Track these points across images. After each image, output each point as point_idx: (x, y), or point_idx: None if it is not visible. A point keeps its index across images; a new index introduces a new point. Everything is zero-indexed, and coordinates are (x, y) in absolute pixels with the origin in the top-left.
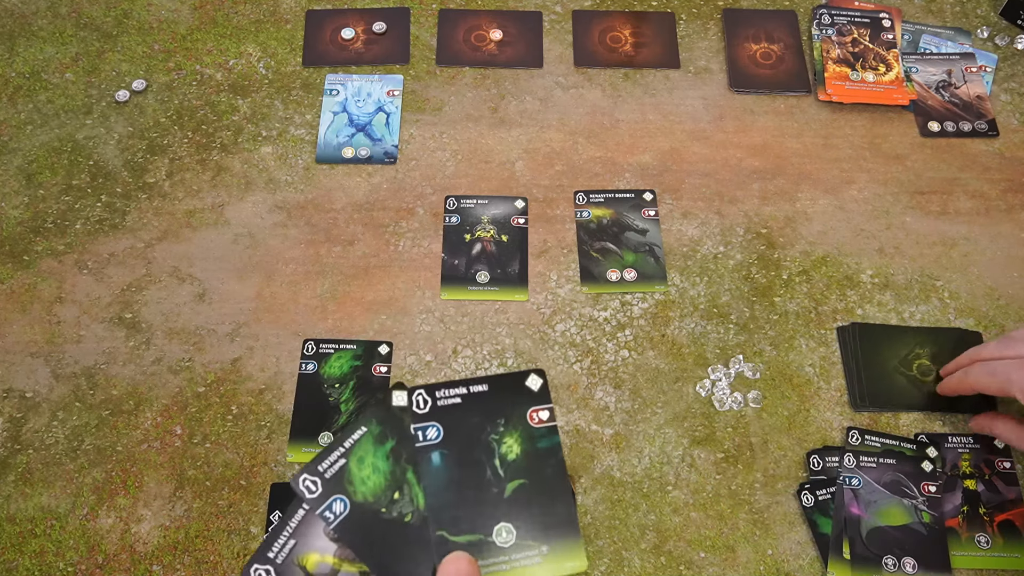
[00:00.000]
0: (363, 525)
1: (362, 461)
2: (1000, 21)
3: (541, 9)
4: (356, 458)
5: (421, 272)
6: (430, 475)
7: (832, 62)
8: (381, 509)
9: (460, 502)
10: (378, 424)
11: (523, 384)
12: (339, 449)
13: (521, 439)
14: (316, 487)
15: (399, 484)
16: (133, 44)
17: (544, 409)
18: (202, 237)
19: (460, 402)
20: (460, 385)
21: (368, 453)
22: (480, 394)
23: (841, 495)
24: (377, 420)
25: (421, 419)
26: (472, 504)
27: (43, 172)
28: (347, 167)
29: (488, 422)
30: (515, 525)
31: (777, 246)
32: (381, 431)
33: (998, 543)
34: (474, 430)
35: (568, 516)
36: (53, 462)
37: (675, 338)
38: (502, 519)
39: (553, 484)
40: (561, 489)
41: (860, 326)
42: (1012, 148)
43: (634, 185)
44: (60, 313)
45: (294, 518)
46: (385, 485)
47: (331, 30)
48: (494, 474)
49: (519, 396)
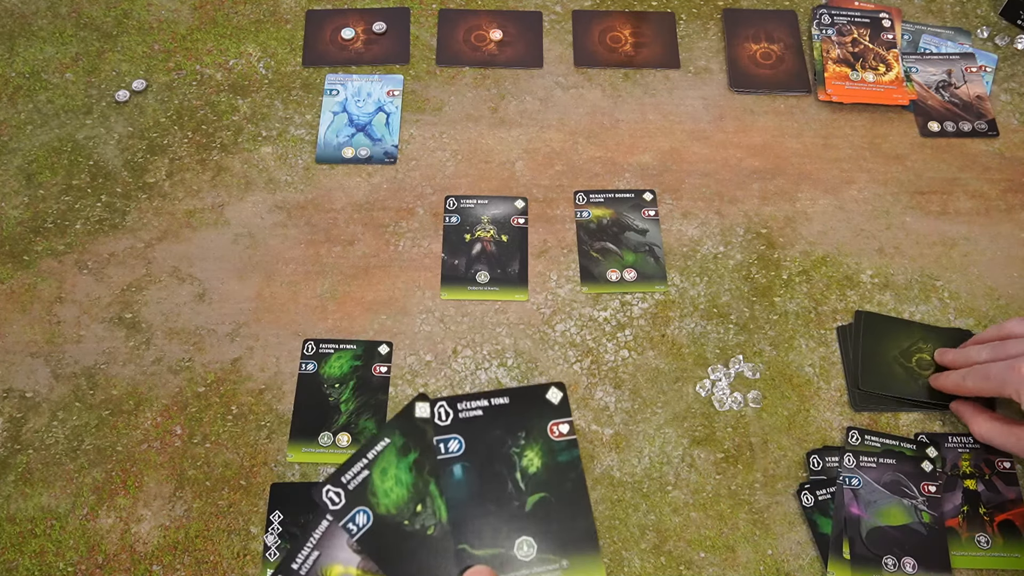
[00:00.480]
0: (385, 537)
1: (385, 473)
2: (1000, 21)
3: (541, 9)
4: (379, 470)
5: (421, 272)
6: (452, 487)
7: (832, 62)
8: (404, 521)
9: (482, 515)
10: (401, 436)
11: (543, 397)
12: (362, 460)
13: (542, 452)
14: (339, 499)
15: (422, 496)
16: (133, 44)
17: (564, 423)
18: (202, 237)
19: (481, 415)
20: (481, 397)
21: (391, 465)
22: (501, 407)
23: (841, 495)
24: (400, 432)
25: (443, 431)
26: (493, 517)
27: (43, 172)
28: (347, 167)
29: (509, 435)
30: (536, 539)
31: (777, 246)
32: (404, 443)
33: (998, 543)
34: (496, 443)
35: (588, 530)
36: (53, 462)
37: (675, 338)
38: (523, 532)
39: (573, 498)
40: (581, 503)
41: (867, 314)
42: (1012, 148)
43: (634, 185)
44: (60, 313)
45: (317, 529)
46: (408, 497)
47: (331, 30)
48: (515, 487)
49: (539, 409)
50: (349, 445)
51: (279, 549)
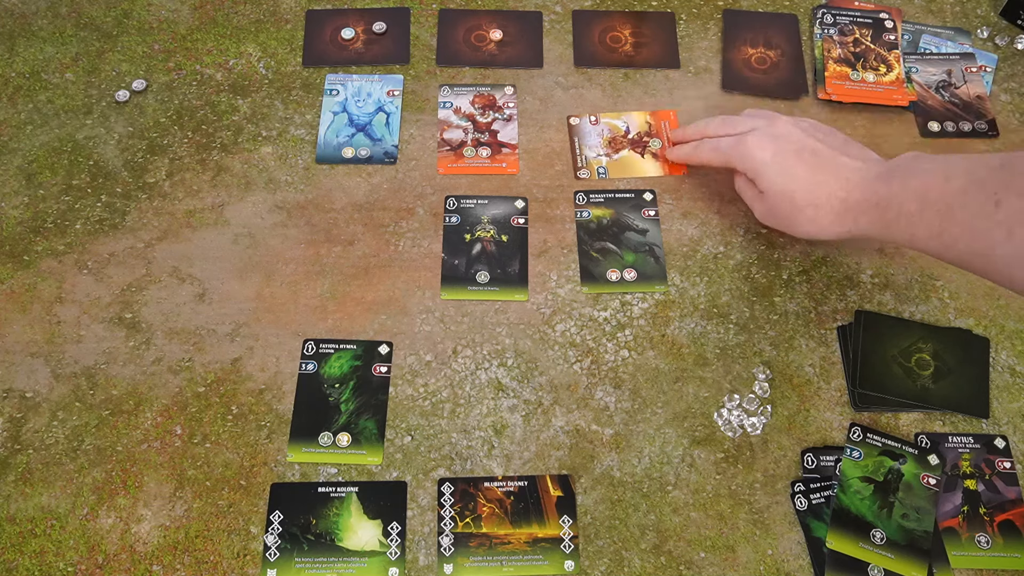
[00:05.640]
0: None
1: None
2: (1000, 21)
3: (541, 9)
4: None
5: (421, 272)
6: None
7: (833, 61)
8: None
9: None
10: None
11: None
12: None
13: None
14: None
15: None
16: (133, 44)
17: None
18: (202, 237)
19: None
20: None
21: None
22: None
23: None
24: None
25: None
26: None
27: (43, 172)
28: (347, 167)
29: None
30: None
31: (777, 246)
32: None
33: (998, 543)
34: None
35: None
36: (53, 462)
37: (675, 338)
38: None
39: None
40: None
41: (867, 314)
42: (1012, 148)
43: (634, 185)
44: (60, 313)
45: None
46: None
47: (331, 30)
48: None
49: None
50: (349, 445)
51: (279, 549)
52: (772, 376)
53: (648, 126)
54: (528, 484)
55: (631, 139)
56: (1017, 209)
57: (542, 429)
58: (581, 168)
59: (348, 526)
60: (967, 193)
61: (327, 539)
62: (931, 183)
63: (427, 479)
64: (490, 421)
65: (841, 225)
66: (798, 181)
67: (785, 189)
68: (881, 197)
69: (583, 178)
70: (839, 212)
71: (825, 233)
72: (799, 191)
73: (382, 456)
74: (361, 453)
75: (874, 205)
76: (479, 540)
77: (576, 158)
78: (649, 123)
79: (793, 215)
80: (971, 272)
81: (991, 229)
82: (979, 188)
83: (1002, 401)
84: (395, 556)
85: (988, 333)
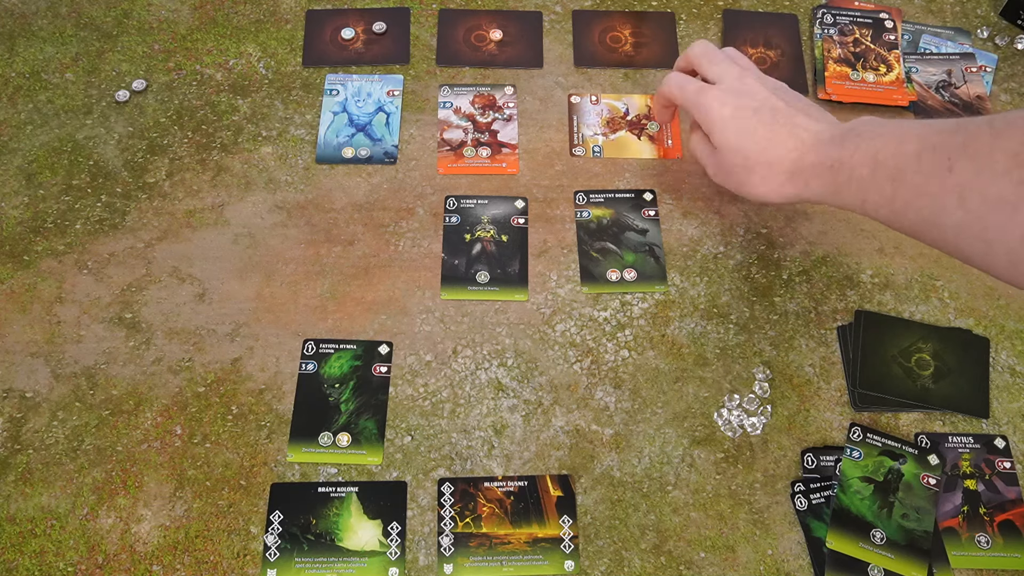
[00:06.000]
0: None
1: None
2: (1000, 21)
3: (541, 9)
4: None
5: (421, 272)
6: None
7: (833, 61)
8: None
9: None
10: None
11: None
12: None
13: None
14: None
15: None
16: (133, 44)
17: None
18: (202, 237)
19: None
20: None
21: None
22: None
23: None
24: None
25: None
26: None
27: (43, 172)
28: (347, 167)
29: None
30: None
31: (777, 246)
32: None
33: (998, 543)
34: None
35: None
36: (53, 462)
37: (675, 338)
38: None
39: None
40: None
41: (867, 314)
42: None
43: (634, 185)
44: (60, 313)
45: None
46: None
47: (331, 30)
48: None
49: None
50: (349, 445)
51: (279, 549)
52: (772, 376)
53: (648, 109)
54: (528, 484)
55: (629, 120)
56: (970, 174)
57: (542, 429)
58: (577, 145)
59: (348, 526)
60: (920, 157)
61: (327, 539)
62: (884, 146)
63: (427, 479)
64: (490, 421)
65: (792, 187)
66: (753, 138)
67: (739, 146)
68: (834, 160)
69: (578, 155)
70: (791, 173)
71: (775, 195)
72: (753, 148)
73: (382, 456)
74: (361, 453)
75: (827, 168)
76: (479, 540)
77: (573, 135)
78: (649, 107)
79: (745, 173)
80: (922, 242)
81: (943, 194)
82: (933, 152)
83: (1002, 401)
84: (395, 556)
85: (988, 333)
